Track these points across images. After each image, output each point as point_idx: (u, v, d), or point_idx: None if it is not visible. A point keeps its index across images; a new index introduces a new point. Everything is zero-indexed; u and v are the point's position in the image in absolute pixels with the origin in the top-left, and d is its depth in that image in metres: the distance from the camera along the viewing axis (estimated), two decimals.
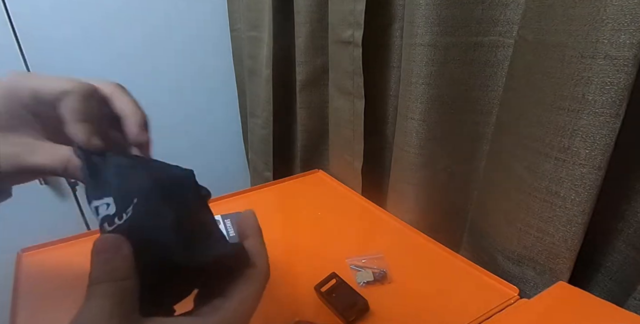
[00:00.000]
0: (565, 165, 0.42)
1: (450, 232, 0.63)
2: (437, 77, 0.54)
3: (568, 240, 0.44)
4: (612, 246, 0.48)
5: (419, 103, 0.56)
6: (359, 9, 0.62)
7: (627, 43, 0.35)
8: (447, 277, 0.53)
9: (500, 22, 0.51)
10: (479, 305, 0.47)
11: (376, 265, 0.54)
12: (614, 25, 0.35)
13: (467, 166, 0.60)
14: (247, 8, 0.92)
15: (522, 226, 0.49)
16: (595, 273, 0.50)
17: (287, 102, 0.91)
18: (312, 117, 0.86)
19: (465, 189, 0.62)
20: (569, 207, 0.43)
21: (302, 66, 0.81)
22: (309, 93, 0.83)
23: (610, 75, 0.36)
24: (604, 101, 0.37)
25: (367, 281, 0.51)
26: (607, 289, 0.49)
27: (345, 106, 0.73)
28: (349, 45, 0.66)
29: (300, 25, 0.77)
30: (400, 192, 0.67)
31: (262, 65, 0.89)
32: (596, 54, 0.37)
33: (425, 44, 0.52)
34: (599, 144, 0.39)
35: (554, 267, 0.47)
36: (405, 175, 0.64)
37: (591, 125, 0.39)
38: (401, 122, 0.61)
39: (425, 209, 0.64)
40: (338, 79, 0.73)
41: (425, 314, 0.47)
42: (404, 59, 0.58)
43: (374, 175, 0.75)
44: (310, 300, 0.49)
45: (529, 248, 0.49)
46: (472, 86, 0.55)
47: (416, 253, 0.59)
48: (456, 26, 0.51)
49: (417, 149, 0.59)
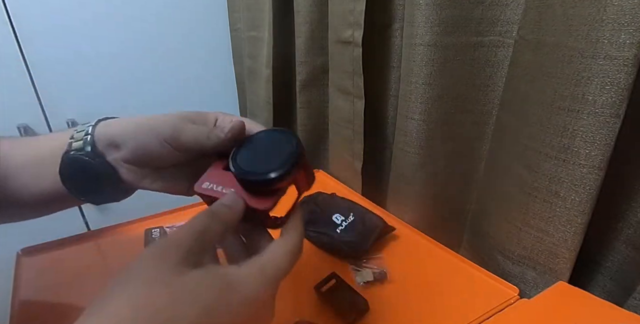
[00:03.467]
0: (565, 165, 0.42)
1: (450, 232, 0.63)
2: (437, 77, 0.54)
3: (568, 240, 0.44)
4: (612, 246, 0.48)
5: (419, 103, 0.56)
6: (359, 9, 0.62)
7: (627, 43, 0.35)
8: (447, 277, 0.53)
9: (500, 22, 0.51)
10: (479, 305, 0.47)
11: (376, 265, 0.54)
12: (614, 25, 0.35)
13: (467, 166, 0.60)
14: (247, 8, 0.92)
15: (522, 226, 0.49)
16: (595, 273, 0.50)
17: (287, 102, 0.91)
18: (312, 117, 0.86)
19: (465, 189, 0.62)
20: (569, 207, 0.43)
21: (302, 66, 0.81)
22: (309, 93, 0.83)
23: (610, 75, 0.36)
24: (604, 101, 0.37)
25: (367, 281, 0.51)
26: (607, 289, 0.49)
27: (345, 106, 0.73)
28: (349, 45, 0.66)
29: (300, 25, 0.77)
30: (400, 192, 0.67)
31: (262, 65, 0.89)
32: (596, 54, 0.37)
33: (425, 44, 0.52)
34: (599, 144, 0.39)
35: (554, 267, 0.47)
36: (405, 175, 0.64)
37: (591, 125, 0.39)
38: (401, 122, 0.61)
39: (425, 209, 0.64)
40: (338, 79, 0.73)
41: (425, 314, 0.47)
42: (404, 59, 0.58)
43: (374, 175, 0.75)
44: (310, 300, 0.49)
45: (529, 248, 0.49)
46: (472, 86, 0.55)
47: (416, 253, 0.59)
48: (456, 26, 0.51)
49: (417, 149, 0.60)
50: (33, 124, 0.96)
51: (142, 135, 0.35)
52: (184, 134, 0.34)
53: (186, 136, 0.34)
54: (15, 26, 0.88)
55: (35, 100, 0.95)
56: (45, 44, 0.92)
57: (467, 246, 0.62)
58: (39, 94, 0.95)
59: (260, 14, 0.87)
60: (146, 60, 1.04)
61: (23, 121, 0.95)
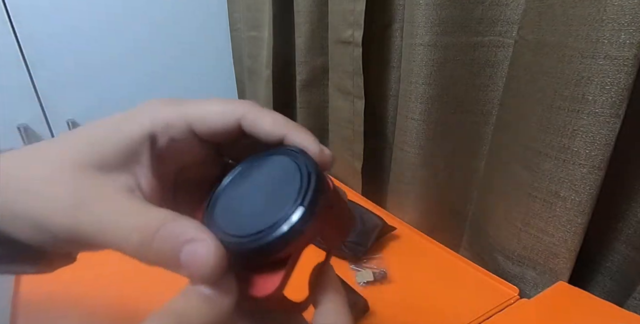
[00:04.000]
0: (565, 165, 0.42)
1: (450, 232, 0.63)
2: (437, 77, 0.54)
3: (568, 240, 0.44)
4: (612, 246, 0.48)
5: (419, 103, 0.56)
6: (359, 9, 0.62)
7: (627, 43, 0.35)
8: (447, 277, 0.53)
9: (500, 22, 0.51)
10: (479, 305, 0.47)
11: (376, 265, 0.54)
12: (614, 25, 0.35)
13: (467, 166, 0.60)
14: (247, 8, 0.92)
15: (522, 226, 0.49)
16: (595, 273, 0.50)
17: (287, 102, 0.91)
18: (312, 117, 0.86)
19: (465, 189, 0.62)
20: (569, 207, 0.43)
21: (302, 66, 0.81)
22: (309, 93, 0.83)
23: (610, 75, 0.36)
24: (604, 101, 0.37)
25: (367, 281, 0.51)
26: (607, 289, 0.49)
27: (345, 106, 0.73)
28: (349, 45, 0.66)
29: (300, 25, 0.77)
30: (400, 192, 0.67)
31: (262, 65, 0.89)
32: (596, 54, 0.37)
33: (425, 44, 0.52)
34: (599, 144, 0.39)
35: (554, 267, 0.47)
36: (405, 175, 0.64)
37: (591, 125, 0.39)
38: (401, 122, 0.61)
39: (425, 209, 0.64)
40: (338, 79, 0.73)
41: (425, 314, 0.47)
42: (404, 59, 0.58)
43: (374, 175, 0.75)
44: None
45: (529, 248, 0.49)
46: (472, 86, 0.55)
47: (416, 253, 0.58)
48: (456, 26, 0.51)
49: (417, 149, 0.59)
50: (33, 124, 0.96)
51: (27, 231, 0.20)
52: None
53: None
54: (15, 26, 0.88)
55: (35, 100, 0.95)
56: (45, 44, 0.91)
57: (467, 246, 0.62)
58: (39, 94, 0.94)
59: (260, 14, 0.87)
60: (146, 60, 1.04)
61: (23, 121, 0.94)
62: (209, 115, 0.21)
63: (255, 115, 0.21)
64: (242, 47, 1.00)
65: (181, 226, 0.17)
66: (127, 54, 1.01)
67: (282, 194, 0.18)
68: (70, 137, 0.21)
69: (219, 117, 0.21)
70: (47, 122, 0.98)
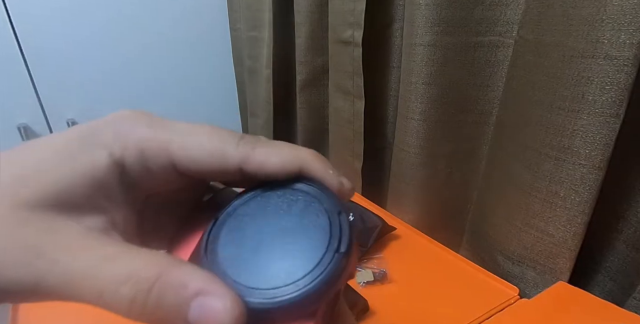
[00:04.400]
0: (565, 165, 0.42)
1: (450, 232, 0.63)
2: (437, 77, 0.54)
3: (568, 240, 0.44)
4: (612, 246, 0.48)
5: (419, 103, 0.56)
6: (359, 9, 0.62)
7: (627, 43, 0.35)
8: (447, 277, 0.53)
9: (500, 22, 0.51)
10: (479, 305, 0.47)
11: (376, 265, 0.54)
12: (614, 25, 0.35)
13: (467, 166, 0.60)
14: (247, 8, 0.92)
15: (522, 226, 0.49)
16: (595, 273, 0.50)
17: (287, 102, 0.91)
18: (312, 117, 0.86)
19: (465, 189, 0.62)
20: (569, 207, 0.43)
21: (302, 66, 0.81)
22: (309, 93, 0.83)
23: (610, 75, 0.36)
24: (604, 101, 0.37)
25: (367, 281, 0.51)
26: (607, 289, 0.49)
27: (345, 106, 0.73)
28: (349, 45, 0.66)
29: (300, 25, 0.77)
30: (400, 192, 0.67)
31: (262, 65, 0.89)
32: (596, 54, 0.37)
33: (425, 44, 0.52)
34: (599, 144, 0.39)
35: (554, 267, 0.47)
36: (405, 175, 0.64)
37: (591, 125, 0.39)
38: (401, 122, 0.61)
39: (425, 209, 0.64)
40: (338, 79, 0.73)
41: (425, 314, 0.47)
42: (404, 59, 0.58)
43: (374, 175, 0.75)
44: None
45: (529, 248, 0.49)
46: (472, 86, 0.55)
47: (416, 253, 0.58)
48: (456, 26, 0.51)
49: (417, 149, 0.59)
50: (33, 124, 0.96)
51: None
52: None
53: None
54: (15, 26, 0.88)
55: (36, 100, 0.95)
56: (45, 44, 0.91)
57: (467, 246, 0.62)
58: (39, 94, 0.95)
59: (260, 14, 0.87)
60: (146, 60, 1.04)
61: (23, 121, 0.94)
62: (199, 153, 0.16)
63: (260, 154, 0.17)
64: (242, 47, 1.00)
65: (187, 274, 0.14)
66: (127, 54, 1.01)
67: (308, 238, 0.16)
68: (10, 169, 0.15)
69: (211, 161, 0.16)
70: (47, 122, 0.98)
